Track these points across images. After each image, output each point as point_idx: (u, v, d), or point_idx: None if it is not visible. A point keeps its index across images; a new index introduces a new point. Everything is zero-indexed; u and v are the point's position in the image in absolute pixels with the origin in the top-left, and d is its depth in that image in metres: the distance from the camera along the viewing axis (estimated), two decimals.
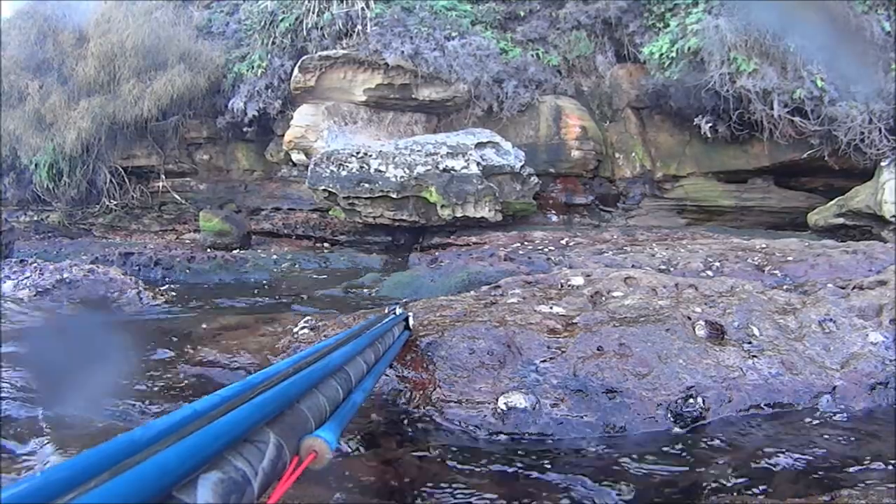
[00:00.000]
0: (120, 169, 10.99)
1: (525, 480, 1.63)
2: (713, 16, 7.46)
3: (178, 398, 2.18)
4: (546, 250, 6.40)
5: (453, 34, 8.99)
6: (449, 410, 1.99)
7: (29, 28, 11.12)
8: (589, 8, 9.06)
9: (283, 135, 9.46)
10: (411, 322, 2.31)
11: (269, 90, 9.71)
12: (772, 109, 7.22)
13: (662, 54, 7.81)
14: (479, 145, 8.10)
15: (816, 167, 7.73)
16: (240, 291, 5.73)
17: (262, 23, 9.97)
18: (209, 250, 8.41)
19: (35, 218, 11.74)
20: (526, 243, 7.01)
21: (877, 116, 6.79)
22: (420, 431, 1.95)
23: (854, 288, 2.71)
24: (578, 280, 3.07)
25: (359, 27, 9.18)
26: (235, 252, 8.37)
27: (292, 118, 9.30)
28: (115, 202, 11.11)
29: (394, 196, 7.86)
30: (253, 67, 9.86)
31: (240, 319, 3.23)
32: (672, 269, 4.93)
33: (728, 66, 7.23)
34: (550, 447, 1.83)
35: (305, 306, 4.65)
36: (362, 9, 9.22)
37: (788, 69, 7.18)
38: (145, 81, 10.00)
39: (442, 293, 4.13)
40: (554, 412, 1.94)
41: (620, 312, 2.49)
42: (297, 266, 7.65)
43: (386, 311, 2.42)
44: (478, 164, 7.83)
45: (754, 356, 2.16)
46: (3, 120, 10.53)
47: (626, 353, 2.13)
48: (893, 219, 6.35)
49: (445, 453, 1.80)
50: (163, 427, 0.62)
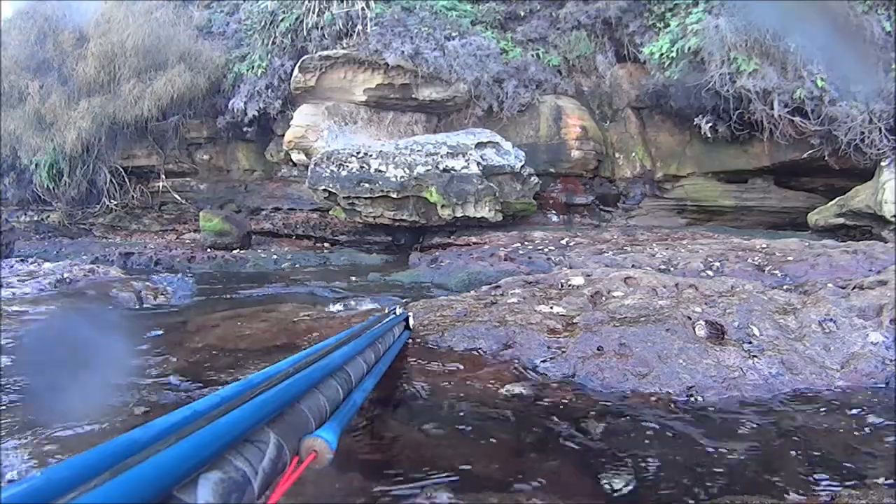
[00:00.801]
0: (120, 169, 11.00)
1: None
2: (713, 16, 7.46)
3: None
4: (546, 250, 6.40)
5: (453, 34, 8.99)
6: None
7: (29, 28, 11.13)
8: (589, 8, 9.05)
9: (284, 135, 9.46)
10: (411, 322, 2.31)
11: (270, 90, 9.72)
12: (772, 109, 7.22)
13: (663, 54, 7.81)
14: (480, 145, 8.10)
15: (816, 167, 7.72)
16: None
17: (263, 23, 9.97)
18: (209, 250, 8.42)
19: (35, 218, 11.75)
20: (526, 243, 7.00)
21: (877, 116, 6.78)
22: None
23: (854, 288, 2.71)
24: (579, 280, 3.07)
25: (359, 27, 9.18)
26: (236, 252, 8.38)
27: (292, 118, 9.30)
28: (116, 202, 11.12)
29: (394, 196, 7.86)
30: (253, 67, 9.87)
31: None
32: (672, 269, 4.92)
33: (728, 66, 7.23)
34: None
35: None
36: (362, 9, 9.22)
37: (789, 69, 7.18)
38: (145, 81, 10.00)
39: (442, 293, 4.13)
40: None
41: (621, 312, 2.49)
42: (298, 266, 7.66)
43: (386, 311, 2.42)
44: (478, 164, 7.82)
45: (754, 356, 2.16)
46: (4, 120, 10.54)
47: (627, 353, 2.14)
48: (894, 219, 6.34)
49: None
50: (163, 427, 0.62)
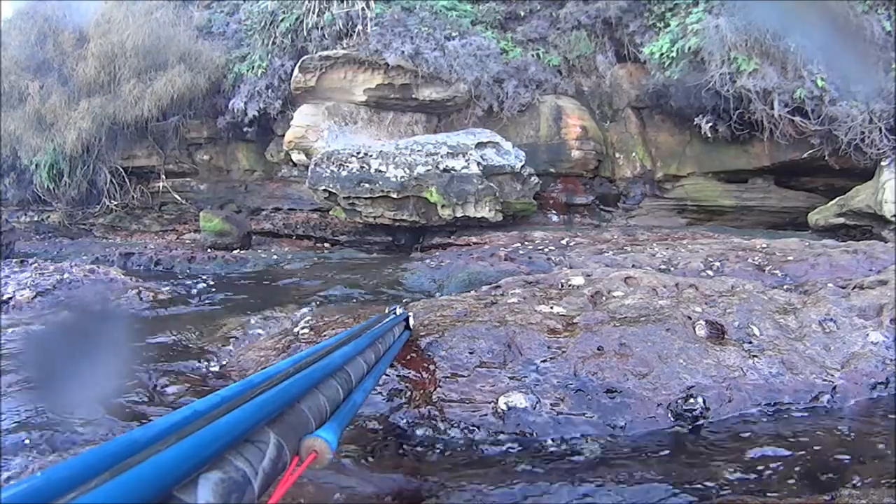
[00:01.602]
0: (120, 169, 11.00)
1: (524, 480, 1.62)
2: (713, 15, 7.45)
3: None
4: (546, 250, 6.39)
5: (453, 34, 8.99)
6: (449, 410, 1.99)
7: (29, 28, 11.13)
8: (589, 8, 9.05)
9: (284, 135, 9.46)
10: (411, 322, 2.31)
11: (270, 90, 9.71)
12: (772, 109, 7.21)
13: (663, 54, 7.80)
14: (480, 145, 8.10)
15: (817, 167, 7.72)
16: None
17: (263, 23, 9.97)
18: (210, 250, 8.41)
19: (35, 218, 11.76)
20: (526, 243, 7.00)
21: (877, 116, 6.78)
22: (420, 431, 1.95)
23: (854, 287, 2.71)
24: (579, 280, 3.07)
25: (359, 27, 9.18)
26: (236, 252, 8.37)
27: (292, 118, 9.30)
28: (116, 202, 11.12)
29: (394, 196, 7.86)
30: (253, 67, 9.87)
31: None
32: (672, 269, 4.92)
33: (728, 66, 7.23)
34: (551, 447, 1.83)
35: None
36: (363, 9, 9.22)
37: (789, 69, 7.17)
38: (145, 82, 10.00)
39: (443, 293, 4.13)
40: (554, 412, 1.94)
41: (621, 312, 2.49)
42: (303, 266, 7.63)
43: (386, 311, 2.42)
44: (478, 164, 7.82)
45: (755, 356, 2.16)
46: (4, 120, 10.54)
47: (627, 353, 2.13)
48: (894, 218, 6.33)
49: (445, 453, 1.80)
50: (163, 427, 0.62)
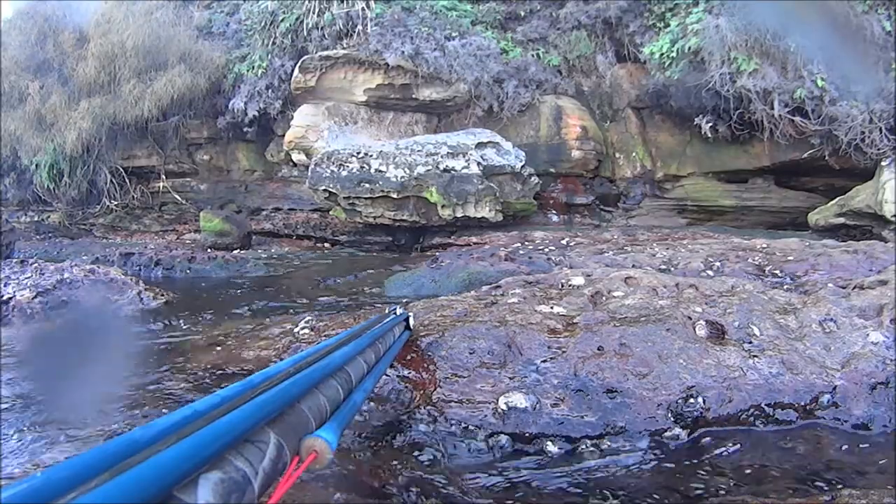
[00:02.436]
0: (120, 169, 11.00)
1: (524, 480, 1.62)
2: (713, 15, 7.46)
3: None
4: (547, 250, 6.39)
5: (454, 34, 8.99)
6: (449, 410, 1.99)
7: (29, 28, 11.14)
8: (589, 8, 9.05)
9: (284, 135, 9.46)
10: (412, 322, 2.31)
11: (270, 90, 9.72)
12: (772, 109, 7.22)
13: (663, 54, 7.81)
14: (480, 145, 8.10)
15: (817, 167, 7.72)
16: None
17: (263, 23, 9.98)
18: (210, 250, 8.40)
19: (36, 218, 11.75)
20: (526, 243, 7.00)
21: (877, 116, 6.78)
22: (420, 431, 1.95)
23: (855, 287, 2.71)
24: (579, 280, 3.07)
25: (359, 27, 9.18)
26: (236, 252, 8.36)
27: (293, 118, 9.30)
28: (116, 202, 11.13)
29: (394, 196, 7.86)
30: (253, 67, 9.87)
31: None
32: (672, 269, 4.91)
33: (728, 66, 7.23)
34: (551, 447, 1.83)
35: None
36: (363, 9, 9.22)
37: (789, 69, 7.17)
38: (146, 82, 10.01)
39: (443, 293, 4.13)
40: (554, 412, 1.94)
41: (621, 312, 2.49)
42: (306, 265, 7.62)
43: (386, 311, 2.42)
44: (478, 164, 7.82)
45: (755, 356, 2.16)
46: (4, 120, 10.54)
47: (627, 353, 2.13)
48: (894, 218, 6.33)
49: (445, 453, 1.80)
50: (163, 427, 0.62)
